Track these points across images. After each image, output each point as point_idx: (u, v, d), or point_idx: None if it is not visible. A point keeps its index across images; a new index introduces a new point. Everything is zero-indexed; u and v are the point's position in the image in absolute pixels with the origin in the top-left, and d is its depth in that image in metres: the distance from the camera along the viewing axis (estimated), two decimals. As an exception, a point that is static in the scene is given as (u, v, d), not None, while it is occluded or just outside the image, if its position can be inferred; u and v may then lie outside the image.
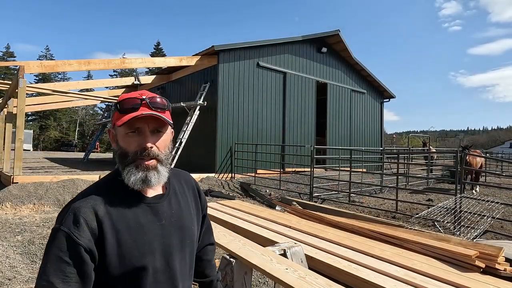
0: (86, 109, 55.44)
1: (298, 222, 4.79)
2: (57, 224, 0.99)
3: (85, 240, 0.96)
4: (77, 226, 0.96)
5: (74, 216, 0.98)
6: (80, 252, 0.95)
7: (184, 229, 1.16)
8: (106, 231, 0.99)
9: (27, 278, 3.54)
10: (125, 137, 1.06)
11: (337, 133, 15.93)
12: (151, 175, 1.06)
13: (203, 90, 11.83)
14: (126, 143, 1.06)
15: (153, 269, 1.04)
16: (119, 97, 1.10)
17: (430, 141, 20.30)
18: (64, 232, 0.95)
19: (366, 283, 2.82)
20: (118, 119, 1.05)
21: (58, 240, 0.95)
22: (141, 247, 1.03)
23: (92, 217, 0.99)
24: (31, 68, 9.30)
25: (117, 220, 1.02)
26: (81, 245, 0.95)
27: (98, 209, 1.01)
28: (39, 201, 7.19)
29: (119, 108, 1.06)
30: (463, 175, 6.43)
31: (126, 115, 1.03)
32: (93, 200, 1.03)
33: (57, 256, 0.94)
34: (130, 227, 1.03)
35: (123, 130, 1.05)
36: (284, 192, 9.53)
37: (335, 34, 14.64)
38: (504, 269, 3.27)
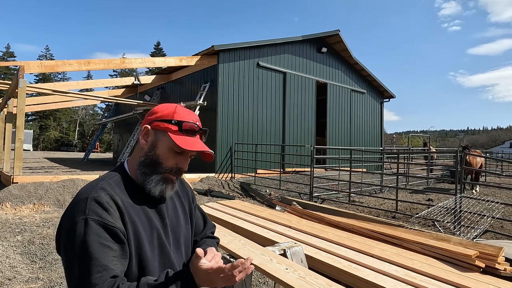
0: (86, 109, 55.44)
1: (298, 222, 4.79)
2: (80, 215, 0.96)
3: (118, 224, 0.99)
4: (107, 213, 0.98)
5: (99, 204, 0.98)
6: (118, 234, 0.98)
7: (179, 228, 1.21)
8: (127, 222, 1.02)
9: (27, 278, 3.54)
10: (169, 152, 1.10)
11: (337, 133, 15.93)
12: (169, 187, 1.13)
13: (203, 90, 11.83)
14: (166, 157, 1.10)
15: (159, 263, 1.08)
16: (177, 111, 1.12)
17: (430, 141, 20.30)
18: (95, 220, 0.95)
19: (366, 283, 2.82)
20: (176, 134, 1.08)
21: (94, 228, 0.94)
22: (151, 241, 1.08)
23: (114, 207, 1.02)
24: (31, 68, 9.30)
25: (132, 213, 1.06)
26: (117, 228, 0.98)
27: (117, 199, 1.03)
28: (39, 201, 7.19)
29: (181, 127, 1.09)
30: (463, 175, 6.43)
31: (185, 136, 1.09)
32: (109, 191, 1.04)
33: (99, 242, 0.94)
34: (142, 221, 1.07)
35: (171, 145, 1.09)
36: (284, 192, 9.53)
37: (335, 34, 14.64)
38: (504, 269, 3.26)
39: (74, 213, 0.98)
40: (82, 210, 0.97)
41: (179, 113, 1.12)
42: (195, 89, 12.71)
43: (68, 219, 0.99)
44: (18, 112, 8.46)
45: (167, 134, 1.09)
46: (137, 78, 14.71)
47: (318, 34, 14.35)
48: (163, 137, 1.10)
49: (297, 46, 14.06)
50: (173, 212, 1.21)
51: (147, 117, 1.15)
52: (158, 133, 1.11)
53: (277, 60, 13.33)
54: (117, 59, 11.29)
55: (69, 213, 1.00)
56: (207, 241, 1.35)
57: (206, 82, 12.03)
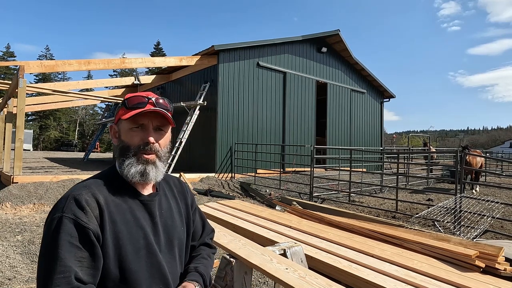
0: (86, 109, 55.44)
1: (298, 222, 4.79)
2: (58, 212, 0.98)
3: (93, 225, 0.98)
4: (83, 212, 0.98)
5: (77, 203, 0.99)
6: (90, 236, 0.97)
7: (174, 229, 1.18)
8: (105, 220, 1.01)
9: (27, 278, 3.54)
10: (129, 132, 1.10)
11: (337, 133, 15.93)
12: (149, 168, 1.10)
13: (203, 90, 11.83)
14: (129, 137, 1.10)
15: (147, 264, 1.06)
16: (124, 96, 1.15)
17: (430, 141, 20.30)
18: (70, 219, 0.96)
19: (366, 283, 2.82)
20: (124, 114, 1.10)
21: (66, 227, 0.95)
22: (135, 241, 1.05)
23: (94, 205, 1.01)
24: (31, 68, 9.30)
25: (115, 212, 1.04)
26: (90, 229, 0.97)
27: (98, 198, 1.03)
28: (39, 201, 7.19)
29: (126, 104, 1.11)
30: (463, 175, 6.43)
31: (132, 110, 1.09)
32: (92, 189, 1.05)
33: (68, 241, 0.94)
34: (126, 220, 1.05)
35: (128, 125, 1.10)
36: (284, 192, 9.53)
37: (335, 34, 14.64)
38: (504, 269, 3.26)
39: (54, 210, 1.00)
40: (60, 208, 0.98)
41: (129, 95, 1.14)
42: (195, 89, 12.70)
43: (48, 216, 1.00)
44: (18, 112, 8.46)
45: (121, 119, 1.11)
46: (137, 78, 14.71)
47: (318, 34, 14.35)
48: (121, 123, 1.13)
49: (297, 46, 14.06)
50: (168, 212, 1.19)
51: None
52: (118, 124, 1.14)
53: (277, 60, 13.33)
54: (117, 59, 11.29)
55: (51, 210, 1.02)
56: (202, 253, 1.32)
57: (206, 82, 12.03)
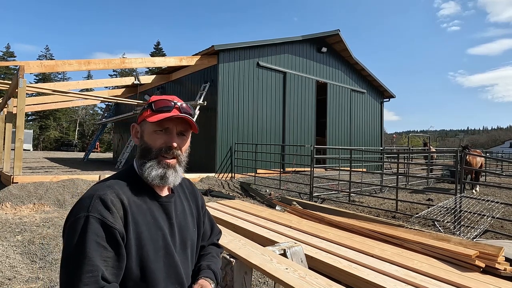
0: (86, 109, 55.43)
1: (299, 222, 4.79)
2: (83, 211, 0.98)
3: (118, 225, 0.99)
4: (109, 212, 0.99)
5: (103, 202, 0.99)
6: (116, 236, 0.98)
7: (187, 230, 1.21)
8: (129, 221, 1.03)
9: (27, 278, 3.54)
10: (153, 134, 1.12)
11: (337, 133, 15.93)
12: (169, 173, 1.12)
13: (203, 90, 11.83)
14: (152, 140, 1.12)
15: (164, 264, 1.08)
16: (151, 99, 1.18)
17: (430, 141, 20.30)
18: (96, 219, 0.96)
19: (366, 283, 2.82)
20: (150, 116, 1.12)
21: (93, 226, 0.95)
22: (155, 242, 1.07)
23: (119, 205, 1.02)
24: (31, 68, 9.30)
25: (136, 213, 1.06)
26: (116, 230, 0.98)
27: (122, 198, 1.04)
28: (39, 201, 7.19)
29: (153, 106, 1.14)
30: (463, 175, 6.43)
31: (159, 114, 1.11)
32: (116, 190, 1.06)
33: (95, 241, 0.94)
34: (147, 221, 1.07)
35: (152, 127, 1.12)
36: (284, 192, 9.53)
37: (335, 34, 14.64)
38: (504, 269, 3.26)
39: (78, 209, 1.00)
40: (86, 207, 0.98)
41: (152, 99, 1.17)
42: (195, 89, 12.70)
43: (72, 215, 1.00)
44: (18, 112, 8.46)
45: (146, 120, 1.14)
46: (137, 78, 14.71)
47: (318, 34, 14.35)
48: (145, 124, 1.15)
49: (297, 46, 14.05)
50: (182, 214, 1.22)
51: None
52: (141, 124, 1.17)
53: (277, 60, 13.33)
54: (117, 59, 11.29)
55: (74, 208, 1.02)
56: (212, 252, 1.36)
57: (206, 82, 12.03)
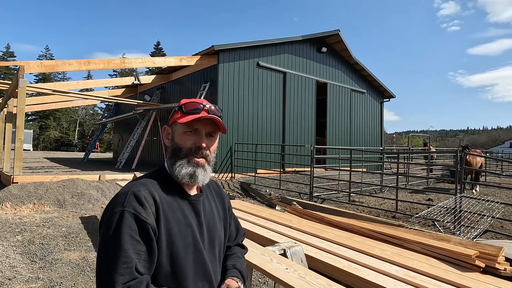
0: (86, 109, 55.42)
1: (299, 222, 4.79)
2: (119, 206, 1.04)
3: (151, 220, 1.05)
4: (142, 207, 1.05)
5: (137, 198, 1.06)
6: (148, 231, 1.03)
7: (215, 229, 1.26)
8: (160, 217, 1.08)
9: (27, 278, 3.54)
10: (183, 135, 1.18)
11: (337, 133, 15.93)
12: (199, 171, 1.18)
13: (203, 90, 11.83)
14: (183, 140, 1.18)
15: (193, 260, 1.13)
16: (181, 102, 1.24)
17: (430, 141, 20.30)
18: (131, 213, 1.02)
19: (366, 283, 2.82)
20: (181, 118, 1.18)
21: (127, 220, 1.01)
22: (184, 239, 1.12)
23: (151, 201, 1.08)
24: (31, 68, 9.30)
25: (167, 209, 1.11)
26: (149, 224, 1.04)
27: (154, 195, 1.10)
28: (39, 201, 7.18)
29: (183, 109, 1.20)
30: (463, 175, 6.43)
31: (189, 115, 1.17)
32: (149, 187, 1.12)
33: (129, 234, 1.00)
34: (177, 218, 1.13)
35: (182, 129, 1.18)
36: (284, 192, 9.53)
37: (335, 34, 14.64)
38: (504, 269, 3.26)
39: (114, 204, 1.07)
40: (121, 202, 1.05)
41: (182, 101, 1.23)
42: (195, 89, 12.70)
43: (108, 209, 1.07)
44: (18, 112, 8.46)
45: (176, 122, 1.20)
46: (137, 78, 14.71)
47: (318, 34, 14.34)
48: (176, 126, 1.21)
49: (297, 46, 14.05)
50: (211, 213, 1.28)
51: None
52: (172, 126, 1.23)
53: (277, 60, 13.33)
54: (117, 59, 11.29)
55: (111, 204, 1.08)
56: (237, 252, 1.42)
57: (206, 82, 12.03)
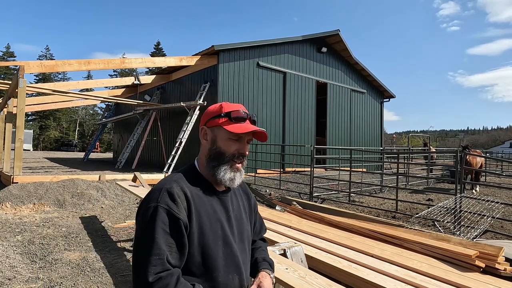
0: (86, 109, 55.42)
1: (298, 222, 4.79)
2: (153, 202, 1.11)
3: (182, 215, 1.11)
4: (175, 203, 1.11)
5: (170, 195, 1.12)
6: (180, 226, 1.10)
7: (243, 224, 1.33)
8: (192, 211, 1.15)
9: (27, 278, 3.54)
10: (227, 141, 1.24)
11: (337, 133, 15.93)
12: (237, 175, 1.26)
13: (203, 90, 11.83)
14: (227, 146, 1.24)
15: (223, 253, 1.19)
16: (223, 105, 1.28)
17: (430, 141, 20.30)
18: (164, 209, 1.09)
19: (366, 283, 2.82)
20: (228, 124, 1.23)
21: (161, 215, 1.09)
22: (214, 232, 1.18)
23: (183, 197, 1.15)
24: (31, 68, 9.30)
25: (199, 204, 1.18)
26: (181, 220, 1.10)
27: (186, 191, 1.17)
28: (39, 201, 7.18)
29: (231, 116, 1.25)
30: (463, 175, 6.43)
31: (237, 123, 1.24)
32: (181, 183, 1.19)
33: (162, 228, 1.07)
34: (207, 212, 1.19)
35: (227, 135, 1.24)
36: (284, 192, 9.53)
37: (335, 34, 14.64)
38: (504, 269, 3.27)
39: (149, 200, 1.13)
40: (155, 198, 1.12)
41: (225, 107, 1.27)
42: (195, 89, 12.70)
43: (143, 205, 1.14)
44: (18, 112, 8.47)
45: (221, 127, 1.24)
46: (137, 78, 14.71)
47: (318, 34, 14.34)
48: (219, 130, 1.25)
49: (297, 46, 14.05)
50: (238, 209, 1.35)
51: (202, 119, 1.31)
52: (214, 129, 1.26)
53: (277, 60, 13.33)
54: (117, 59, 11.29)
55: (146, 199, 1.15)
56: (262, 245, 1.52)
57: (206, 82, 12.03)
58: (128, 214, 6.78)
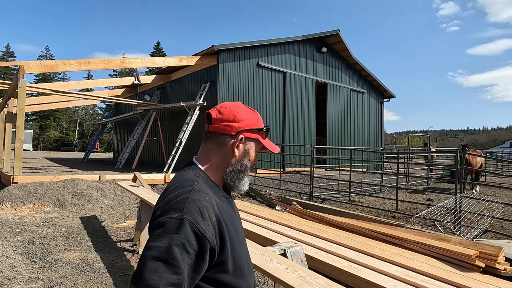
0: (86, 109, 55.43)
1: (298, 222, 4.79)
2: (177, 212, 0.96)
3: (209, 234, 0.97)
4: (202, 219, 0.97)
5: (198, 208, 0.98)
6: (205, 246, 0.96)
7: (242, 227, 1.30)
8: (222, 224, 1.03)
9: (27, 278, 3.54)
10: (255, 154, 1.24)
11: (337, 133, 15.93)
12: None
13: (203, 90, 11.83)
14: (254, 159, 1.24)
15: (245, 258, 1.17)
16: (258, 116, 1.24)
17: (430, 141, 20.30)
18: (190, 222, 0.94)
19: (366, 283, 2.82)
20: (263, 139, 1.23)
21: (185, 229, 0.93)
22: (237, 238, 1.13)
23: (211, 211, 1.01)
24: (31, 68, 9.30)
25: (223, 214, 1.07)
26: (207, 240, 0.96)
27: (213, 203, 1.04)
28: (39, 201, 7.18)
29: (264, 131, 1.23)
30: (463, 175, 6.43)
31: (267, 139, 1.25)
32: (205, 193, 1.05)
33: (182, 243, 0.92)
34: (230, 221, 1.10)
35: (258, 148, 1.24)
36: (284, 192, 9.53)
37: (335, 34, 14.63)
38: (504, 269, 3.27)
39: (171, 209, 0.98)
40: (179, 209, 0.96)
41: (260, 118, 1.24)
42: (195, 89, 12.70)
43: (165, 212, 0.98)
44: (18, 112, 8.47)
45: (258, 141, 1.21)
46: (137, 78, 14.71)
47: (318, 34, 14.34)
48: (253, 143, 1.21)
49: (297, 46, 14.05)
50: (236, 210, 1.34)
51: (231, 123, 1.16)
52: (249, 141, 1.20)
53: (277, 60, 13.33)
54: (117, 59, 11.29)
55: (166, 209, 0.99)
56: None
57: (206, 82, 12.03)
58: (128, 214, 6.78)
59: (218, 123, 1.16)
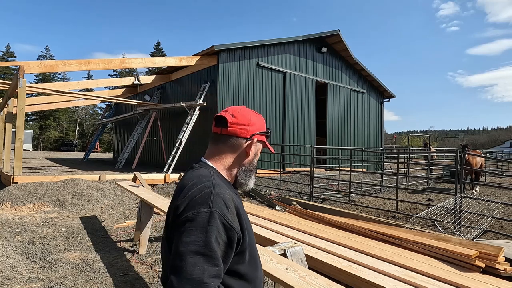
0: (86, 109, 55.43)
1: (298, 222, 4.79)
2: (205, 206, 1.00)
3: (236, 224, 1.05)
4: (228, 210, 1.04)
5: (223, 201, 1.04)
6: (233, 236, 1.02)
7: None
8: (241, 217, 1.11)
9: (27, 278, 3.54)
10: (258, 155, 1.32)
11: (337, 133, 15.93)
12: None
13: (203, 90, 11.83)
14: (256, 158, 1.32)
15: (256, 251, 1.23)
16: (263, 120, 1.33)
17: (430, 141, 20.30)
18: (219, 214, 1.00)
19: (366, 283, 2.82)
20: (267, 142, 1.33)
21: (216, 221, 0.98)
22: (250, 231, 1.19)
23: (233, 203, 1.09)
24: (31, 68, 9.30)
25: (240, 208, 1.14)
26: (234, 230, 1.03)
27: (233, 197, 1.13)
28: (39, 201, 7.18)
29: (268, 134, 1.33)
30: (463, 175, 6.43)
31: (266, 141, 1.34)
32: (228, 189, 1.14)
33: (215, 235, 0.97)
34: (245, 215, 1.18)
35: (261, 149, 1.34)
36: (284, 192, 9.53)
37: (335, 34, 14.63)
38: (504, 269, 3.27)
39: (198, 203, 1.01)
40: (206, 202, 1.00)
41: (264, 122, 1.33)
42: (195, 89, 12.70)
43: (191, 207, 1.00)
44: (18, 112, 8.47)
45: (264, 143, 1.33)
46: (137, 78, 14.71)
47: (318, 34, 14.34)
48: (261, 144, 1.32)
49: (297, 46, 14.05)
50: None
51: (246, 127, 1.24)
52: (259, 142, 1.30)
53: (277, 60, 13.33)
54: (117, 59, 11.29)
55: (190, 203, 1.02)
56: None
57: (206, 82, 12.03)
58: (128, 214, 6.78)
59: (235, 127, 1.22)
